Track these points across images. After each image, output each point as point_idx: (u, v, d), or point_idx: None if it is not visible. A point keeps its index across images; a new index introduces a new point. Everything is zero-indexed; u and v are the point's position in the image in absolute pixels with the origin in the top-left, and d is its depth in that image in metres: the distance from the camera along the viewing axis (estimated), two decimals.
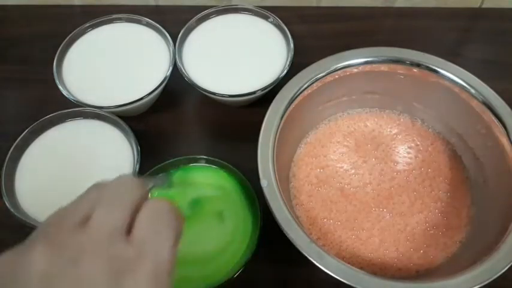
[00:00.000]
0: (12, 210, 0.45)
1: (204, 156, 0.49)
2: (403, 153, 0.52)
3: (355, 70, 0.49)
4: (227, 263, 0.44)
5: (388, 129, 0.53)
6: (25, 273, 0.25)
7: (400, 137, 0.53)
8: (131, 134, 0.49)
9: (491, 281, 0.37)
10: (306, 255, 0.38)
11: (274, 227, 0.40)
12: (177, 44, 0.55)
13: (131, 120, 0.52)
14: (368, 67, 0.49)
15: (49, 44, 0.57)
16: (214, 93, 0.52)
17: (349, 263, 0.40)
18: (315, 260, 0.37)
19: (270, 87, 0.52)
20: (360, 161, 0.51)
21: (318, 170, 0.51)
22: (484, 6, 0.67)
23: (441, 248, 0.46)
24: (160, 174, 0.48)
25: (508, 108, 0.45)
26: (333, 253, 0.45)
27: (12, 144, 0.49)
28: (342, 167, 0.51)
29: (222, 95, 0.52)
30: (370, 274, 0.37)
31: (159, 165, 0.49)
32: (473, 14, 0.68)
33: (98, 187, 0.30)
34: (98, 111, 0.51)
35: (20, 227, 0.45)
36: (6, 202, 0.45)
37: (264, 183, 0.41)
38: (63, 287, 0.25)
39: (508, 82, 0.54)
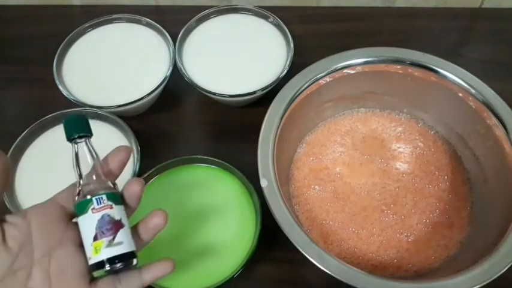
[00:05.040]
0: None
1: (204, 156, 0.49)
2: (404, 154, 0.52)
3: (355, 70, 0.49)
4: (227, 263, 0.44)
5: (389, 130, 0.53)
6: None
7: (400, 137, 0.53)
8: (131, 134, 0.49)
9: (491, 281, 0.37)
10: (306, 255, 0.38)
11: (274, 227, 0.40)
12: (177, 44, 0.55)
13: (131, 120, 0.52)
14: (368, 67, 0.49)
15: (49, 44, 0.57)
16: (214, 93, 0.52)
17: (349, 263, 0.40)
18: (315, 260, 0.37)
19: (270, 87, 0.52)
20: (360, 160, 0.51)
21: (318, 169, 0.51)
22: (484, 6, 0.67)
23: (441, 248, 0.46)
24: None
25: (508, 108, 0.45)
26: (333, 253, 0.45)
27: (12, 144, 0.49)
28: (341, 167, 0.51)
29: (222, 95, 0.52)
30: (370, 274, 0.37)
31: (159, 165, 0.49)
32: (473, 14, 0.68)
33: None
34: (98, 111, 0.51)
35: None
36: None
37: (264, 183, 0.41)
38: None
39: (508, 82, 0.54)
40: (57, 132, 0.51)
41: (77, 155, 0.33)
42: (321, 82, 0.49)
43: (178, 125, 0.58)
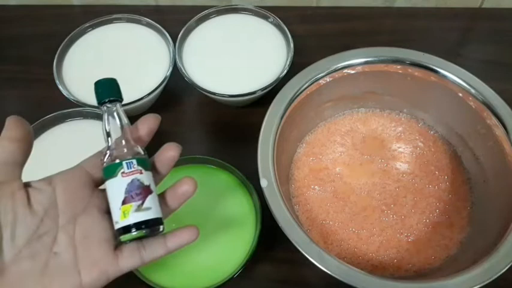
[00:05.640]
0: None
1: (204, 156, 0.49)
2: (404, 154, 0.52)
3: (355, 70, 0.49)
4: (227, 263, 0.44)
5: (389, 130, 0.53)
6: None
7: (400, 137, 0.53)
8: None
9: (491, 281, 0.37)
10: (306, 255, 0.38)
11: (274, 227, 0.40)
12: (177, 44, 0.55)
13: (131, 120, 0.52)
14: (368, 67, 0.49)
15: (49, 44, 0.57)
16: (214, 93, 0.52)
17: (349, 263, 0.40)
18: (315, 260, 0.37)
19: (270, 87, 0.52)
20: (360, 160, 0.51)
21: (318, 169, 0.51)
22: (484, 6, 0.67)
23: (441, 248, 0.46)
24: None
25: (508, 108, 0.45)
26: (333, 253, 0.45)
27: None
28: (341, 167, 0.51)
29: (222, 95, 0.52)
30: (370, 274, 0.37)
31: None
32: (473, 14, 0.68)
33: None
34: (98, 111, 0.51)
35: None
36: None
37: (264, 183, 0.41)
38: None
39: (508, 82, 0.54)
40: (57, 132, 0.51)
41: (107, 119, 0.33)
42: (321, 82, 0.49)
43: (178, 125, 0.58)
